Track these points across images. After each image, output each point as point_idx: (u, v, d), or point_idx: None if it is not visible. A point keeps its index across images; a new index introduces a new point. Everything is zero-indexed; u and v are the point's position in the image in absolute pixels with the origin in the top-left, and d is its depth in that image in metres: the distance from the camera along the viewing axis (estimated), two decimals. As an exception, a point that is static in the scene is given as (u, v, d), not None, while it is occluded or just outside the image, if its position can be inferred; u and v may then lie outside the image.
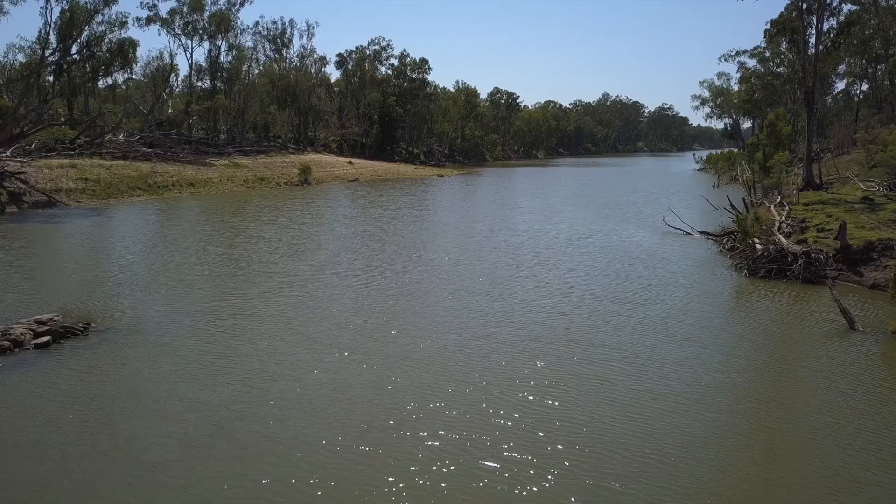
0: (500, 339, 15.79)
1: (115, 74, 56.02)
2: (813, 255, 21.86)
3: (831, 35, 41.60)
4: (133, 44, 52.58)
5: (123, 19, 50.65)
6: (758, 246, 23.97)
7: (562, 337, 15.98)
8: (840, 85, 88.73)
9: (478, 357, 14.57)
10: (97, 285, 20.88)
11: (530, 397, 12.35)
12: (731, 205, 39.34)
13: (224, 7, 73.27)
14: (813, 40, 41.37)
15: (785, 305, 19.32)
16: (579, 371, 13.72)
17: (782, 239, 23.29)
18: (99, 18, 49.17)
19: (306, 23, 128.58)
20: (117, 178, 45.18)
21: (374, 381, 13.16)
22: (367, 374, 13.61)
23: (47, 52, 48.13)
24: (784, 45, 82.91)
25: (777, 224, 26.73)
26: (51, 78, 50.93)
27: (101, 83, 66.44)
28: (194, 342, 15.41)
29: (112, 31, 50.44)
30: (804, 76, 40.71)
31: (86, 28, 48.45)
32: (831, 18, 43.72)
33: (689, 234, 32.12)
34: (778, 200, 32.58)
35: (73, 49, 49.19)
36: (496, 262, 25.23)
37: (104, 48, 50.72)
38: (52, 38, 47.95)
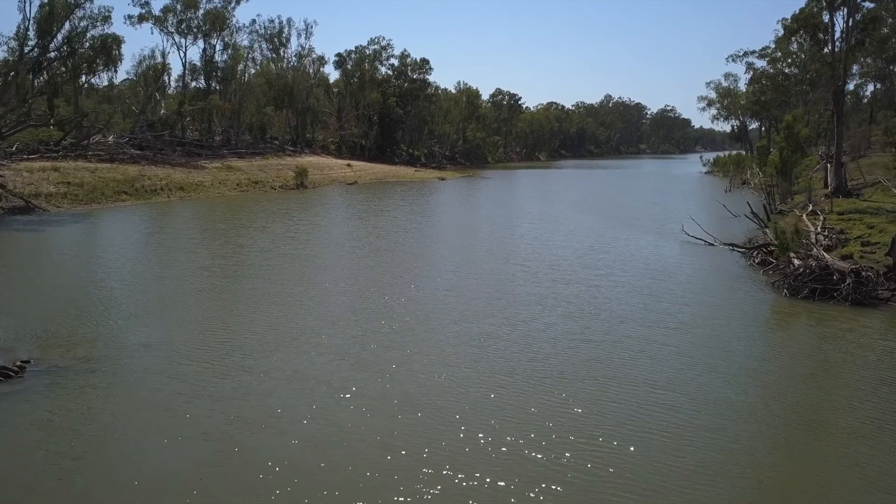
0: (521, 376, 13.47)
1: (99, 73, 53.48)
2: (863, 273, 19.54)
3: (856, 32, 39.25)
4: (117, 40, 49.98)
5: (106, 14, 48.14)
6: (795, 261, 21.69)
7: (593, 372, 13.66)
8: (849, 86, 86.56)
9: (498, 400, 12.24)
10: (60, 307, 18.50)
11: (567, 460, 10.04)
12: (752, 212, 37.14)
13: (219, 5, 71.00)
14: (838, 35, 39.10)
15: (843, 333, 16.93)
16: (620, 420, 11.39)
17: (826, 255, 20.97)
18: (80, 13, 46.73)
19: (304, 22, 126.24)
20: (102, 181, 42.81)
21: (374, 435, 10.84)
22: (366, 423, 11.30)
23: (26, 49, 45.62)
24: (795, 46, 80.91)
25: (813, 236, 24.42)
26: (30, 76, 48.25)
27: (93, 81, 64.31)
28: (161, 383, 13.06)
29: (94, 27, 48.01)
30: (833, 74, 38.43)
31: (66, 23, 45.99)
32: (851, 16, 41.56)
33: (712, 244, 29.77)
34: (810, 209, 30.23)
35: (53, 45, 46.66)
36: (508, 277, 22.93)
37: (86, 45, 48.18)
38: (32, 33, 45.51)
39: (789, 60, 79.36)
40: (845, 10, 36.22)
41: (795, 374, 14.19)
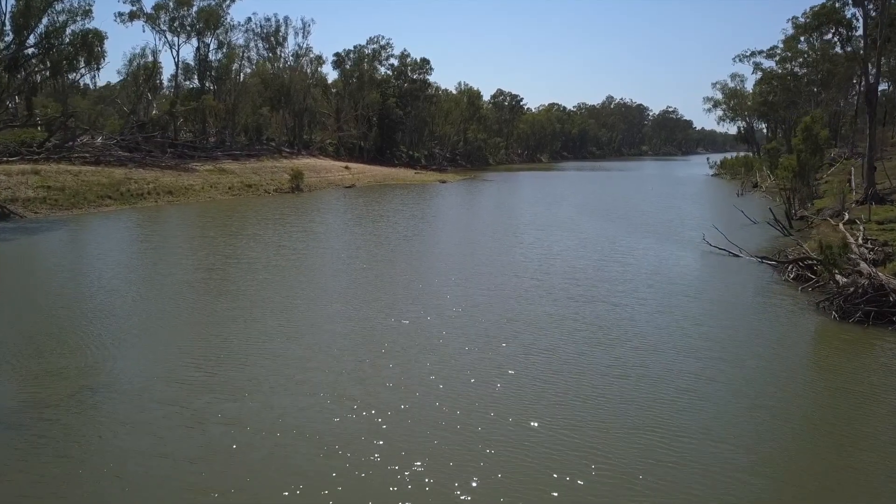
0: (549, 425, 11.18)
1: (80, 70, 50.85)
2: (925, 292, 17.26)
3: (885, 27, 37.00)
4: (99, 36, 47.41)
5: (87, 7, 45.58)
6: (839, 279, 19.41)
7: (635, 419, 11.36)
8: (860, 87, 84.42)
9: (524, 463, 9.96)
10: (11, 334, 16.22)
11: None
12: (775, 219, 35.02)
13: (213, 2, 68.73)
14: (861, 31, 36.82)
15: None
16: (682, 487, 9.13)
17: (879, 273, 18.67)
18: (59, 7, 44.13)
19: (302, 20, 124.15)
20: (85, 185, 40.48)
21: (371, 519, 8.59)
22: (360, 493, 9.03)
23: (2, 46, 43.05)
24: (805, 45, 78.91)
25: (856, 248, 22.15)
26: (6, 74, 45.58)
27: (87, 81, 61.84)
28: (118, 436, 10.78)
29: (74, 22, 45.49)
30: (865, 70, 36.16)
31: (44, 17, 43.42)
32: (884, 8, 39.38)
33: (738, 255, 27.49)
34: (846, 217, 27.93)
35: (30, 41, 44.15)
36: (521, 293, 20.64)
37: (65, 40, 45.63)
38: (8, 28, 42.86)
39: (800, 60, 77.30)
40: (878, 2, 33.87)
41: (872, 426, 11.89)
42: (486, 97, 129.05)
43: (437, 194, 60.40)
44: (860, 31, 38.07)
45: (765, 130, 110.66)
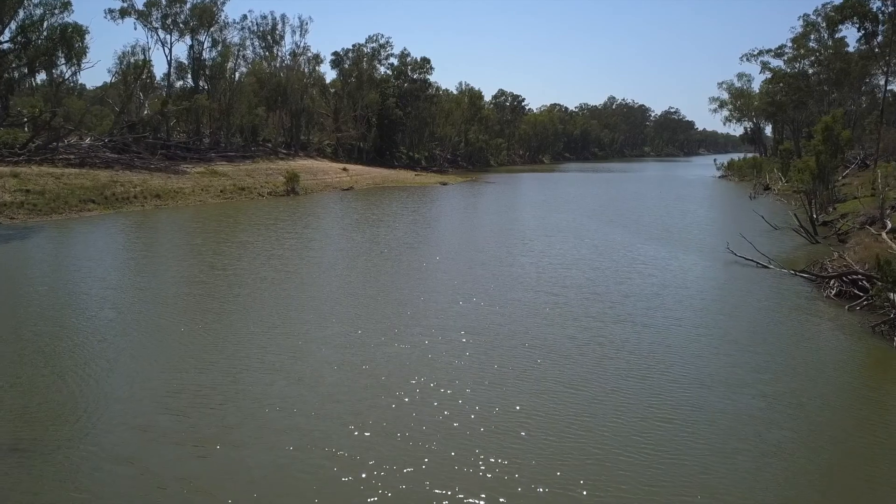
0: (593, 495, 9.03)
1: (60, 67, 48.36)
2: None
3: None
4: (79, 30, 45.04)
5: (66, 0, 43.13)
6: (894, 298, 17.26)
7: (699, 483, 9.21)
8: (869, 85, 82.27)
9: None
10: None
11: None
12: (800, 225, 32.95)
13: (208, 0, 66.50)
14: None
15: None
16: None
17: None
18: (36, 0, 41.92)
19: (299, 18, 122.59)
20: (67, 189, 38.19)
21: None
22: None
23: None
24: (814, 44, 76.86)
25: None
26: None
27: (81, 80, 59.32)
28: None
29: (52, 16, 43.16)
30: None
31: (20, 10, 41.11)
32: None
33: (766, 266, 25.32)
34: (888, 227, 25.74)
35: (5, 36, 41.74)
36: (536, 311, 18.44)
37: (43, 35, 43.23)
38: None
39: (812, 59, 75.24)
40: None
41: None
42: (488, 97, 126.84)
43: (439, 197, 58.22)
44: (882, 27, 36.01)
45: (769, 132, 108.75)
